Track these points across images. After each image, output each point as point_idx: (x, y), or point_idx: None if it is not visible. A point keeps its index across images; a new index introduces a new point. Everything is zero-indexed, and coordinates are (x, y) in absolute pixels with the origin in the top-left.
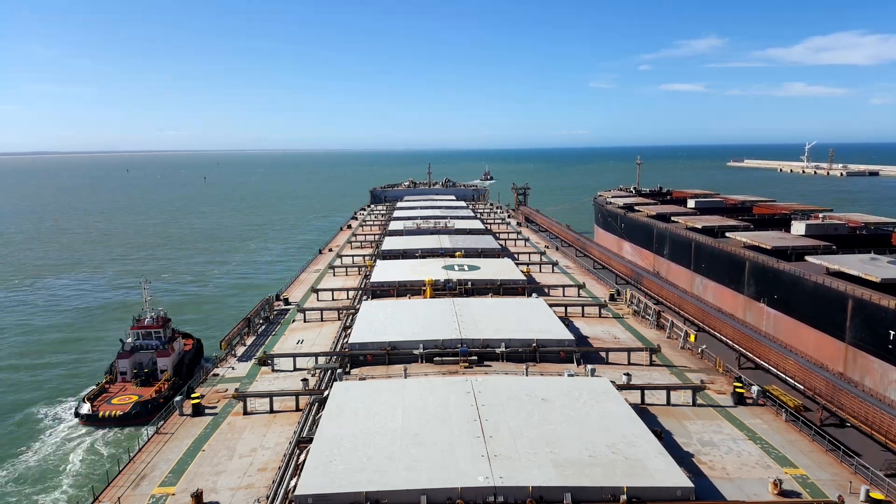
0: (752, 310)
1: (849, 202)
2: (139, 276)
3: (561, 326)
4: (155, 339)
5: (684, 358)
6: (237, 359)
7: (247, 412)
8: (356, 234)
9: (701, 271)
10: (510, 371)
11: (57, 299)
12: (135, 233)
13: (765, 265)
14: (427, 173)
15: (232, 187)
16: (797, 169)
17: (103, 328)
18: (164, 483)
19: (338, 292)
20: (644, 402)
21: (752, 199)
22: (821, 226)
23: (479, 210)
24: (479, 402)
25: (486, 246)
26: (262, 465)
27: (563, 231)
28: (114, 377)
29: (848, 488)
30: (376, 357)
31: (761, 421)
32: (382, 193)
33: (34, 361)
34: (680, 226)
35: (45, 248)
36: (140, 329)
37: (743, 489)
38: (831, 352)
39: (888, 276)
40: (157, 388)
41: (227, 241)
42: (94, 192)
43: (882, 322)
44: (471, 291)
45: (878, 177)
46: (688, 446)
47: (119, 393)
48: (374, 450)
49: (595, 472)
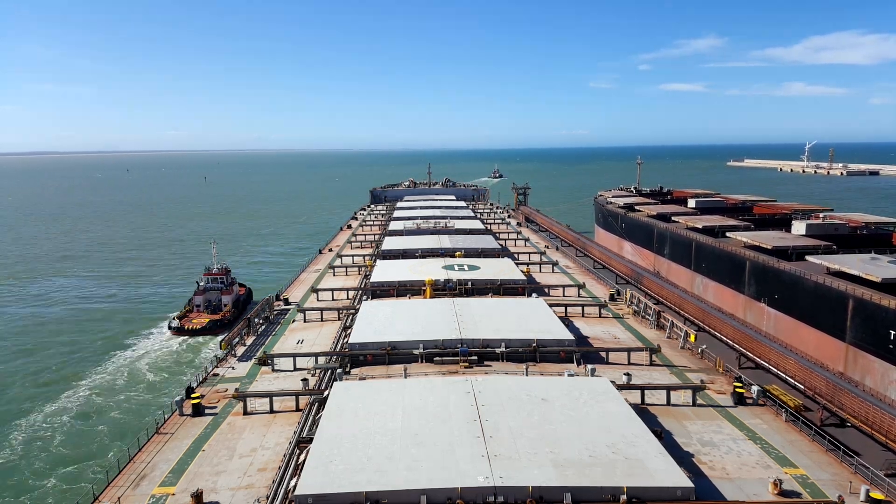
0: (752, 310)
1: (850, 201)
2: (208, 242)
3: (561, 326)
4: (220, 282)
5: (684, 358)
6: (237, 359)
7: (247, 412)
8: (356, 234)
9: (701, 271)
10: (510, 371)
11: (151, 258)
12: (185, 215)
13: (765, 265)
14: (427, 173)
15: (233, 188)
16: (797, 168)
17: (185, 277)
18: (164, 483)
19: (338, 292)
20: (644, 402)
21: (752, 199)
22: (821, 225)
23: (479, 210)
24: (479, 402)
25: (486, 246)
26: (262, 465)
27: (563, 231)
28: (191, 308)
29: (848, 488)
30: (376, 357)
31: (761, 421)
32: (382, 193)
33: (142, 297)
34: (680, 226)
35: (133, 229)
36: (209, 276)
37: (743, 489)
38: (832, 352)
39: (889, 275)
40: (221, 315)
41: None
42: (143, 188)
43: (882, 322)
44: (471, 291)
45: (878, 176)
46: (688, 446)
47: (196, 317)
48: (374, 450)
49: (595, 472)
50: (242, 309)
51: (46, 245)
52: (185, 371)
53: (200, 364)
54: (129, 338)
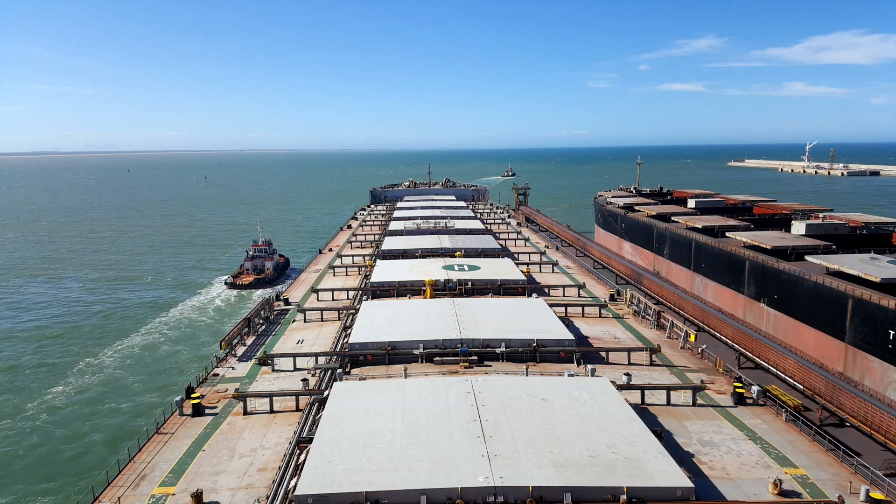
0: (752, 310)
1: (851, 201)
2: (255, 220)
3: (561, 326)
4: (263, 251)
5: (684, 358)
6: (237, 359)
7: (247, 412)
8: (356, 234)
9: (701, 271)
10: (510, 371)
11: (210, 237)
12: (228, 202)
13: (765, 265)
14: (427, 173)
15: (233, 188)
16: (798, 169)
17: (237, 247)
18: (164, 483)
19: (338, 292)
20: (644, 402)
21: (752, 199)
22: (821, 225)
23: (479, 210)
24: (479, 402)
25: (486, 246)
26: (262, 465)
27: (563, 231)
28: (242, 271)
29: (848, 488)
30: (376, 357)
31: (761, 421)
32: (382, 193)
33: (204, 265)
34: (680, 226)
35: (190, 219)
36: (255, 247)
37: (743, 489)
38: (831, 352)
39: (888, 275)
40: (264, 275)
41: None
42: (175, 185)
43: (882, 322)
44: (471, 291)
45: (878, 177)
46: (688, 446)
47: (245, 277)
48: (374, 450)
49: (595, 472)
50: (281, 272)
51: (139, 238)
52: (238, 310)
53: (205, 358)
54: (198, 289)
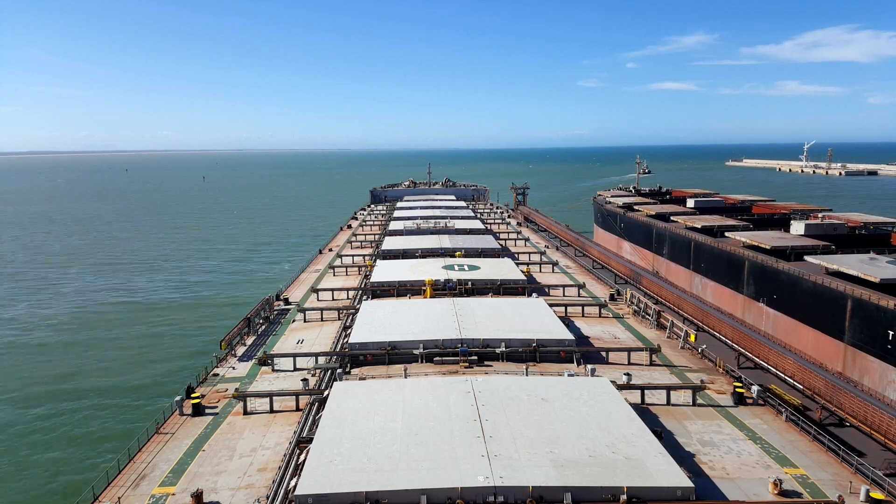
0: (751, 309)
1: (853, 200)
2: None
3: (561, 326)
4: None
5: (684, 358)
6: (237, 359)
7: (247, 412)
8: (356, 233)
9: (700, 271)
10: (510, 371)
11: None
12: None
13: (764, 265)
14: (427, 173)
15: (232, 189)
16: (796, 168)
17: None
18: (164, 483)
19: (338, 292)
20: (644, 402)
21: (751, 199)
22: (820, 225)
23: (479, 210)
24: (479, 401)
25: (486, 246)
26: (262, 465)
27: (562, 231)
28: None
29: (848, 488)
30: (376, 357)
31: (761, 421)
32: (382, 193)
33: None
34: (679, 225)
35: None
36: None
37: (743, 489)
38: (830, 352)
39: (887, 276)
40: None
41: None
42: (205, 187)
43: (881, 322)
44: (471, 291)
45: (876, 176)
46: (688, 446)
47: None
48: (374, 450)
49: (595, 472)
50: None
51: (190, 232)
52: (238, 310)
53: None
54: (199, 288)
